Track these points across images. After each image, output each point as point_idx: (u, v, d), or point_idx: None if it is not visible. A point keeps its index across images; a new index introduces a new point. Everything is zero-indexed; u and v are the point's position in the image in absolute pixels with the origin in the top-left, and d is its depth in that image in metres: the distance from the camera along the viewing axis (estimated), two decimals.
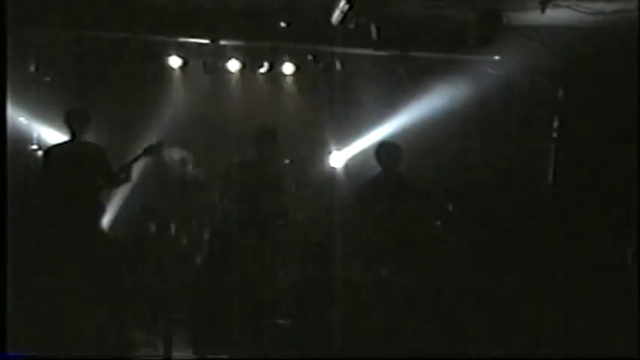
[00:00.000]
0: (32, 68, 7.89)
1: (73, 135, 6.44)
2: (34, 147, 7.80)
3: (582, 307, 6.28)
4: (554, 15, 6.46)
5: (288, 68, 8.53)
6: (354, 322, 5.37)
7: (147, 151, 6.62)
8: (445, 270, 6.22)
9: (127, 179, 6.60)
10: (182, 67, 8.44)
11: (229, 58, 8.33)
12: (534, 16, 6.47)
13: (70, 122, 6.48)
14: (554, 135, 8.20)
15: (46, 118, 7.75)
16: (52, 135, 7.60)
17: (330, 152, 8.54)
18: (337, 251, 5.62)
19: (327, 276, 5.47)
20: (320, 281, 5.48)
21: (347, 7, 6.33)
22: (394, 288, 5.51)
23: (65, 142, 6.54)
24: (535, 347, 5.47)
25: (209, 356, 5.52)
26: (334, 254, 5.57)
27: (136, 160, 6.61)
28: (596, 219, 7.43)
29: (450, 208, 7.72)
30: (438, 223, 7.78)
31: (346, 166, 8.47)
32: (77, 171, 6.29)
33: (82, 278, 5.91)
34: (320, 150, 8.51)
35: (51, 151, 6.57)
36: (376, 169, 7.28)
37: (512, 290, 6.76)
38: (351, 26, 6.74)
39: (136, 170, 6.72)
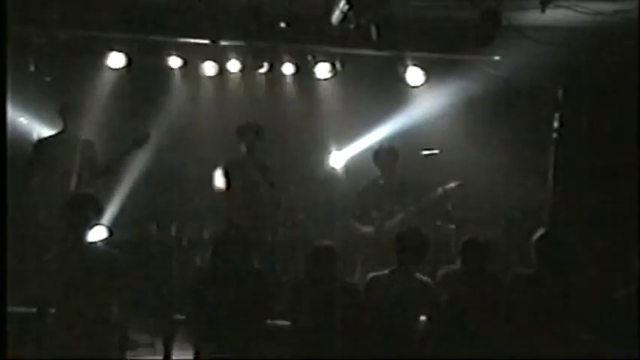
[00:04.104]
0: (32, 68, 7.90)
1: (65, 128, 6.48)
2: None
3: (582, 307, 6.27)
4: (554, 15, 6.47)
5: (288, 68, 8.52)
6: (355, 323, 5.37)
7: (134, 144, 6.59)
8: (445, 270, 6.20)
9: (115, 171, 6.60)
10: (182, 67, 8.44)
11: (229, 59, 8.33)
12: (534, 16, 6.48)
13: (63, 115, 6.51)
14: (554, 135, 8.20)
15: (46, 118, 7.75)
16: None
17: (330, 152, 8.54)
18: (338, 251, 5.61)
19: (327, 276, 5.46)
20: (320, 281, 5.47)
21: (347, 7, 6.33)
22: (394, 288, 5.51)
23: (53, 135, 6.57)
24: (535, 347, 5.47)
25: (209, 356, 5.51)
26: (334, 254, 5.57)
27: (125, 153, 6.61)
28: (596, 219, 7.44)
29: (450, 208, 7.73)
30: (438, 223, 7.80)
31: (346, 166, 8.46)
32: (62, 162, 6.31)
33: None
34: (320, 150, 8.51)
35: (39, 143, 6.59)
36: (376, 169, 7.31)
37: (512, 290, 6.75)
38: (351, 26, 6.74)
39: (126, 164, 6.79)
